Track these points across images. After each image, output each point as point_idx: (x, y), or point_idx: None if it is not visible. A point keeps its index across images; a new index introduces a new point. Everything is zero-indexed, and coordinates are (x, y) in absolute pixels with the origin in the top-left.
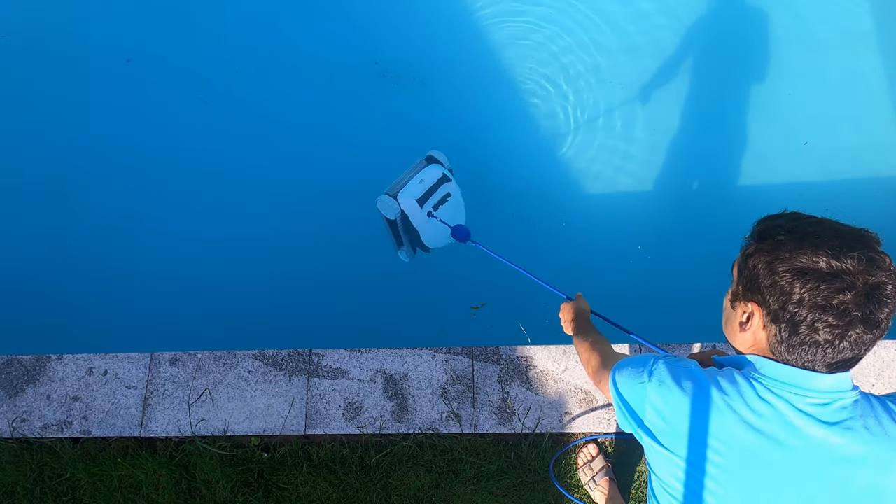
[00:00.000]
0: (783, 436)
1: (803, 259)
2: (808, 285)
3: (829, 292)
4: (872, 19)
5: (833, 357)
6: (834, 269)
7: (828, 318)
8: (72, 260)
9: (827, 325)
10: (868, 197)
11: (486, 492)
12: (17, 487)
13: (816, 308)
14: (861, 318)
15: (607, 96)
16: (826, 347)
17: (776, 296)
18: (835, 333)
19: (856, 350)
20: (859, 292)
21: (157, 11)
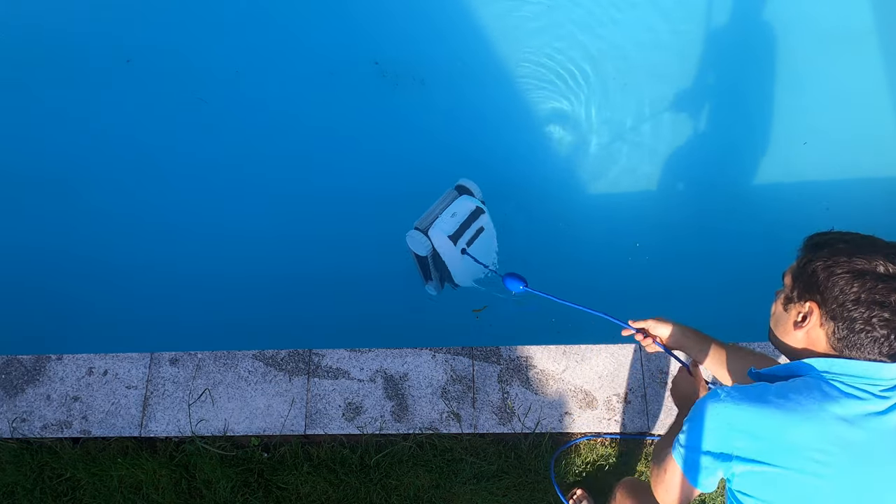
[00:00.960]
0: (879, 425)
1: (861, 262)
2: (866, 284)
3: (886, 291)
4: (873, 18)
5: (891, 348)
6: (889, 272)
7: (884, 314)
8: (72, 260)
9: (883, 320)
10: (868, 197)
11: (486, 492)
12: (17, 487)
13: (875, 304)
14: None
15: (608, 96)
16: (882, 341)
17: (835, 294)
18: (891, 327)
19: None
20: None
21: (157, 11)
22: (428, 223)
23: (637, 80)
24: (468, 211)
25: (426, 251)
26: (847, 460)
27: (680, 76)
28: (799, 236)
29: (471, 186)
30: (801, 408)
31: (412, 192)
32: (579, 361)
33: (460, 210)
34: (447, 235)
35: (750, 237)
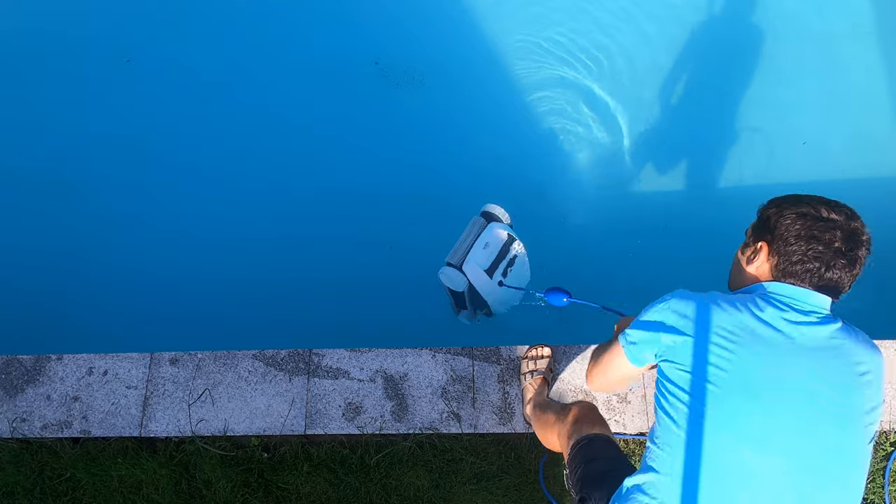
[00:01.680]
0: (787, 328)
1: (805, 208)
2: (807, 223)
3: (822, 230)
4: (873, 17)
5: (820, 280)
6: (829, 217)
7: (818, 247)
8: (72, 260)
9: (817, 252)
10: (868, 196)
11: (486, 492)
12: (17, 487)
13: (812, 239)
14: (843, 251)
15: (609, 97)
16: (814, 272)
17: (781, 231)
18: (822, 261)
19: (836, 278)
20: (843, 233)
21: (156, 11)
22: (460, 258)
23: (637, 80)
24: (501, 241)
25: (462, 287)
26: (751, 344)
27: (681, 76)
28: None
29: (497, 212)
30: (731, 306)
31: (412, 193)
32: (580, 362)
33: (492, 240)
34: (483, 269)
35: None
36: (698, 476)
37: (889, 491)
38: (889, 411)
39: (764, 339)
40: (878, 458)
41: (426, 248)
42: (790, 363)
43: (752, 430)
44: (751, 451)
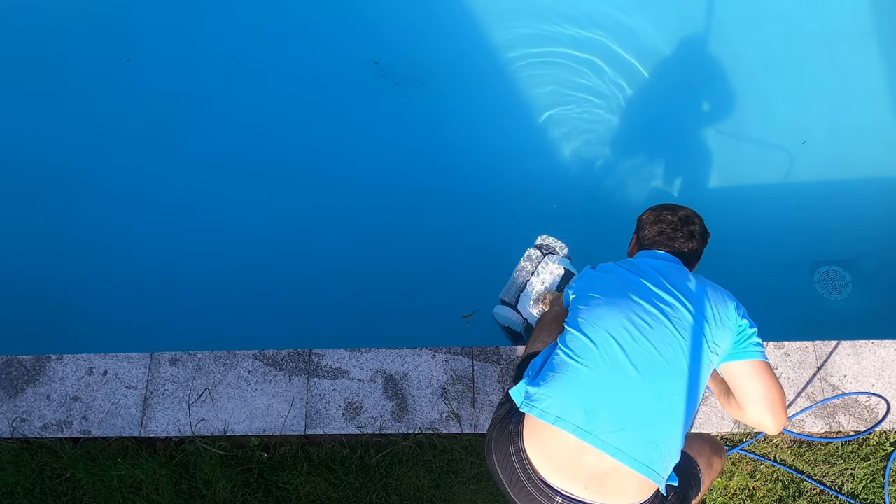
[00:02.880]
0: (641, 273)
1: (656, 207)
2: (654, 214)
3: (662, 216)
4: (873, 17)
5: (669, 249)
6: (668, 208)
7: (662, 226)
8: (72, 260)
9: (661, 229)
10: (867, 195)
11: (486, 492)
12: (17, 487)
13: (658, 222)
14: (678, 227)
15: (610, 96)
16: (663, 242)
17: (641, 223)
18: (667, 234)
19: (679, 247)
20: (678, 217)
21: (157, 11)
22: (515, 294)
23: (637, 80)
24: (558, 276)
25: (518, 326)
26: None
27: (681, 76)
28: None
29: (553, 244)
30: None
31: (413, 193)
32: None
33: (549, 277)
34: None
35: (749, 236)
36: None
37: (889, 491)
38: (889, 411)
39: (623, 278)
40: (878, 458)
41: (426, 247)
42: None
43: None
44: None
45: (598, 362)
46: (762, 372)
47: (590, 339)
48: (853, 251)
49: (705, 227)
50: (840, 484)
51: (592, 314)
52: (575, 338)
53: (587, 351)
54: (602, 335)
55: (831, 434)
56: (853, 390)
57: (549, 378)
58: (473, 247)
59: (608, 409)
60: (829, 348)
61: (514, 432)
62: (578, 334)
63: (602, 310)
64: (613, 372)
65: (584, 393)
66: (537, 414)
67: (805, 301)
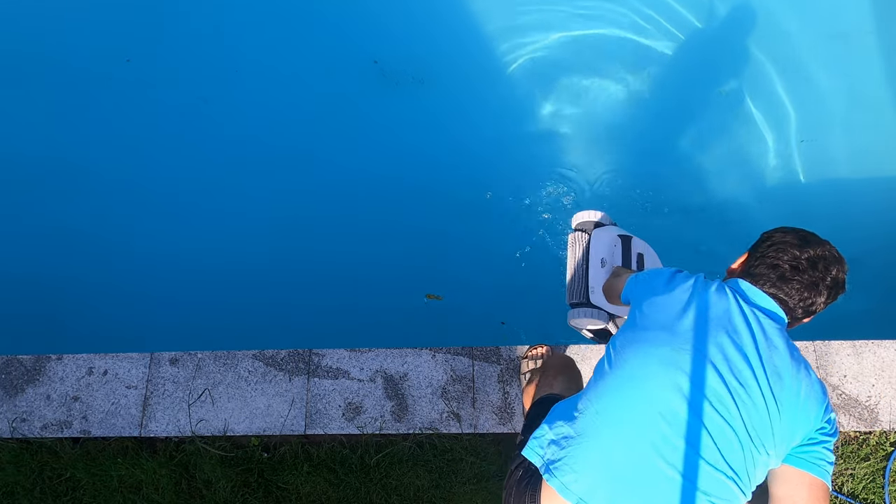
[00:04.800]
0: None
1: (788, 230)
2: (784, 238)
3: (790, 246)
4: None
5: (772, 286)
6: (802, 237)
7: (783, 258)
8: (72, 260)
9: (776, 261)
10: (867, 195)
11: (486, 492)
12: (17, 487)
13: (780, 250)
14: (800, 270)
15: (610, 96)
16: (767, 277)
17: (760, 242)
18: (779, 271)
19: (788, 291)
20: (810, 256)
21: (157, 11)
22: (582, 290)
23: (639, 77)
24: (612, 245)
25: (603, 320)
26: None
27: (680, 76)
28: None
29: (592, 217)
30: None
31: (413, 193)
32: (580, 361)
33: (605, 251)
34: None
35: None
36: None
37: (889, 491)
38: (889, 411)
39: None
40: (878, 458)
41: (426, 245)
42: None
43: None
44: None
45: (636, 442)
46: (818, 496)
47: (629, 404)
48: (853, 251)
49: (842, 281)
50: (840, 484)
51: (640, 363)
52: (611, 395)
53: (624, 422)
54: (645, 404)
55: None
56: (853, 390)
57: (574, 444)
58: (473, 247)
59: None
60: (829, 348)
61: (532, 496)
62: (616, 390)
63: (654, 361)
64: (651, 459)
65: (612, 478)
66: (558, 487)
67: None
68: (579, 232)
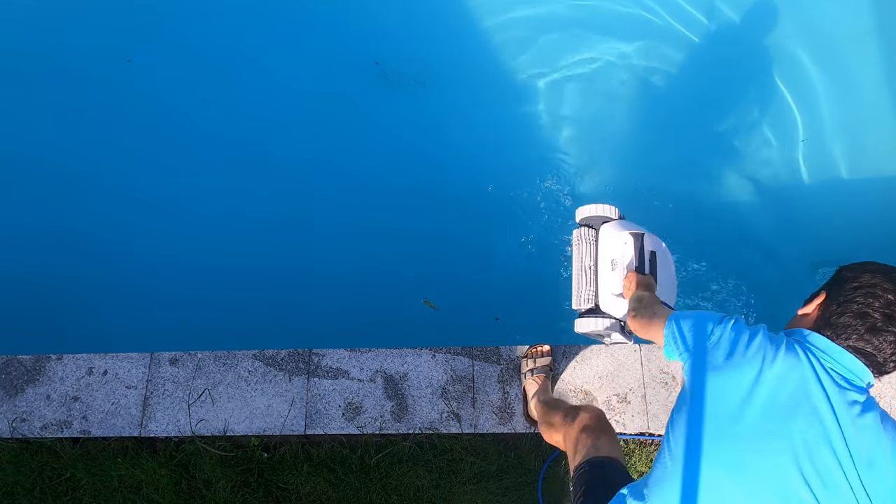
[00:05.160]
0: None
1: (878, 267)
2: (873, 280)
3: (884, 290)
4: (872, 18)
5: (859, 339)
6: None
7: (874, 304)
8: (72, 260)
9: (865, 310)
10: (868, 195)
11: (486, 492)
12: (17, 487)
13: (869, 295)
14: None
15: (609, 95)
16: (854, 328)
17: (843, 283)
18: (868, 320)
19: (877, 345)
20: None
21: (157, 11)
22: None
23: (635, 80)
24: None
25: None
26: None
27: (680, 75)
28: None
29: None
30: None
31: (413, 192)
32: (579, 362)
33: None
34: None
35: (748, 235)
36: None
37: None
38: (889, 411)
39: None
40: None
41: (427, 247)
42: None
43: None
44: None
45: None
46: None
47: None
48: (853, 251)
49: None
50: None
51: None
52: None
53: None
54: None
55: None
56: None
57: None
58: (474, 247)
59: None
60: None
61: None
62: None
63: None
64: None
65: None
66: None
67: None
68: (585, 228)
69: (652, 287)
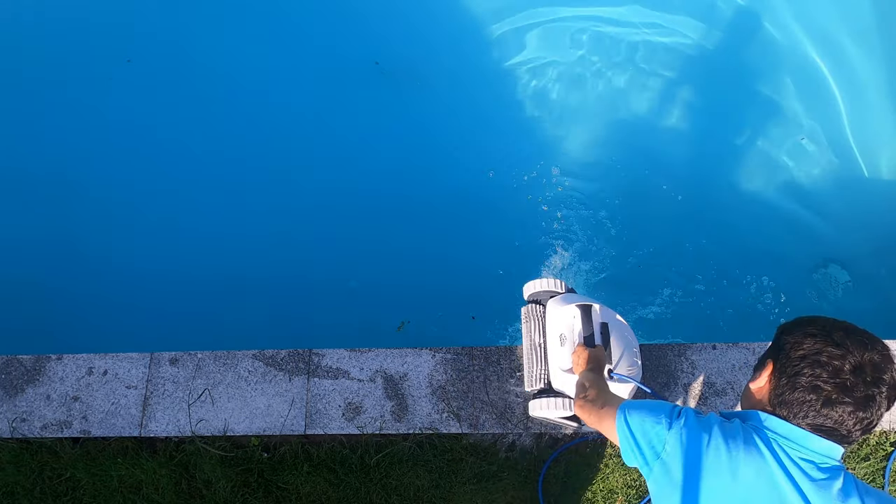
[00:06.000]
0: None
1: (815, 328)
2: (815, 346)
3: (830, 356)
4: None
5: (817, 416)
6: (839, 341)
7: (822, 376)
8: (72, 260)
9: (818, 382)
10: (868, 195)
11: (486, 492)
12: (17, 487)
13: (816, 365)
14: (848, 387)
15: (609, 96)
16: (811, 404)
17: (787, 350)
18: (821, 393)
19: (837, 419)
20: (853, 364)
21: (157, 11)
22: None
23: (634, 80)
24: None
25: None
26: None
27: (679, 75)
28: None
29: (546, 286)
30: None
31: (413, 191)
32: None
33: (563, 326)
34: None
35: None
36: None
37: (889, 491)
38: (889, 411)
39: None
40: (878, 458)
41: (426, 246)
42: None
43: None
44: None
45: None
46: None
47: None
48: (853, 251)
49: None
50: None
51: None
52: None
53: None
54: None
55: None
56: None
57: None
58: (474, 246)
59: None
60: None
61: None
62: None
63: None
64: None
65: None
66: None
67: (805, 300)
68: (533, 304)
69: (601, 360)
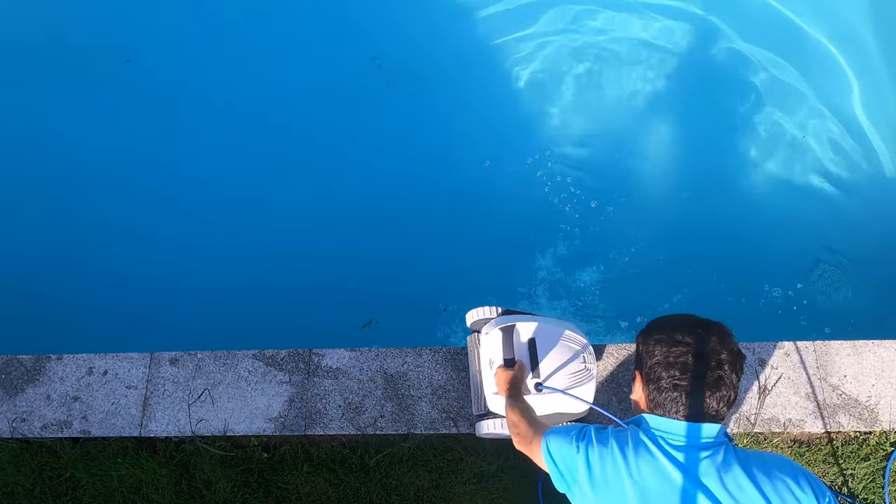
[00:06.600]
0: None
1: (660, 334)
2: (664, 350)
3: (677, 355)
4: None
5: (687, 408)
6: (680, 339)
7: (676, 374)
8: (72, 261)
9: (675, 380)
10: (868, 195)
11: (486, 492)
12: (17, 487)
13: (669, 366)
14: (700, 376)
15: (609, 96)
16: (677, 400)
17: (646, 359)
18: (682, 389)
19: (703, 405)
20: (696, 357)
21: (156, 11)
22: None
23: (633, 81)
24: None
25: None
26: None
27: (679, 75)
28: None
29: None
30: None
31: (412, 190)
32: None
33: (492, 351)
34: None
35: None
36: None
37: (889, 491)
38: (889, 411)
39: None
40: (878, 458)
41: (426, 246)
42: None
43: None
44: None
45: None
46: None
47: None
48: (853, 251)
49: (735, 349)
50: (840, 484)
51: None
52: None
53: None
54: None
55: (833, 434)
56: (853, 390)
57: None
58: (474, 246)
59: None
60: (829, 348)
61: None
62: None
63: None
64: None
65: None
66: None
67: (805, 300)
68: (474, 333)
69: (518, 380)
